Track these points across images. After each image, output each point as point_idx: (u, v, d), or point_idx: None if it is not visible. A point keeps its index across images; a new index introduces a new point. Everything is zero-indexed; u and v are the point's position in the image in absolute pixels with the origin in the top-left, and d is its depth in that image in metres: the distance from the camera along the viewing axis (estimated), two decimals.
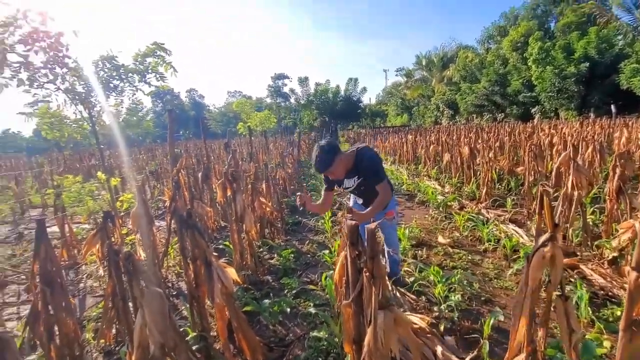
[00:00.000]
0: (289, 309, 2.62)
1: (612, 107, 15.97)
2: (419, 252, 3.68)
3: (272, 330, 2.50)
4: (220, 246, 3.96)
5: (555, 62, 19.94)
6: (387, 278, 2.64)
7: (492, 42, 34.17)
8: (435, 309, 2.57)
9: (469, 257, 3.50)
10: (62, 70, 3.35)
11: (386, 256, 2.96)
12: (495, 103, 26.75)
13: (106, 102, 3.74)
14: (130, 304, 1.62)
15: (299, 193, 2.56)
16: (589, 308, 2.29)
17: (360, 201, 2.83)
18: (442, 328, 2.30)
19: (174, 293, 3.19)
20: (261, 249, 4.05)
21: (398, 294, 2.68)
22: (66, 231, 4.23)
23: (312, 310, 2.53)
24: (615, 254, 2.88)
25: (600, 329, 2.16)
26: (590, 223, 3.72)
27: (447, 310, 2.50)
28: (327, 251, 3.63)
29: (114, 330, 2.58)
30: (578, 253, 3.33)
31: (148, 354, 1.20)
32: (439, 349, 2.22)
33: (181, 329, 2.21)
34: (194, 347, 1.89)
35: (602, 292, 2.61)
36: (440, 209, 5.19)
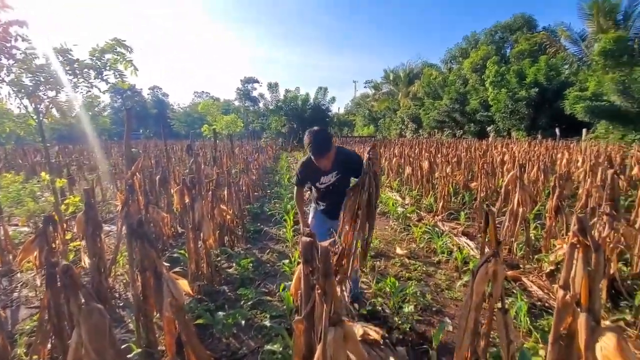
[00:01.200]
0: (243, 321, 2.55)
1: (557, 130, 17.50)
2: (378, 262, 3.76)
3: (225, 344, 2.43)
4: (175, 255, 3.80)
5: (509, 85, 21.54)
6: (348, 298, 2.66)
7: (454, 62, 36.25)
8: (390, 320, 2.64)
9: (424, 269, 3.63)
10: (8, 61, 3.07)
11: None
12: (455, 120, 28.27)
13: (56, 97, 3.47)
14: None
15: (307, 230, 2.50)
16: (527, 318, 2.46)
17: (322, 206, 2.76)
18: (394, 339, 2.36)
19: (121, 304, 3.00)
20: (219, 258, 3.94)
21: (353, 309, 2.71)
22: (1, 234, 3.84)
23: (268, 322, 2.50)
24: (552, 268, 3.14)
25: (537, 338, 2.33)
26: (533, 238, 4.02)
27: (400, 322, 2.57)
28: (287, 261, 3.60)
29: (49, 346, 2.37)
30: (521, 265, 3.58)
31: None
32: None
33: (126, 344, 2.08)
34: None
35: (539, 303, 2.82)
36: (400, 220, 5.36)
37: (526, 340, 2.33)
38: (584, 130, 16.85)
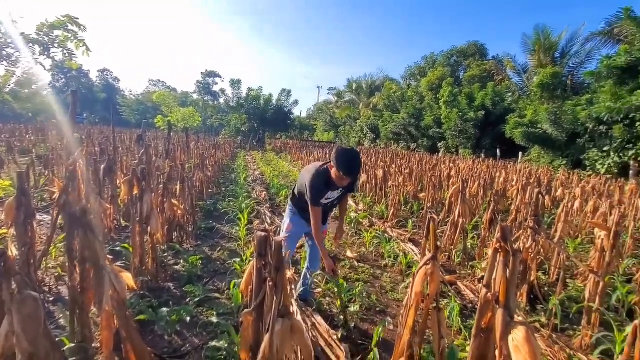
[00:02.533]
0: (189, 318, 2.49)
1: (498, 151, 19.19)
2: None
3: (167, 341, 2.35)
4: (118, 248, 3.58)
5: (460, 106, 23.21)
6: (298, 298, 2.71)
7: (413, 80, 38.23)
8: (337, 318, 2.74)
9: (372, 271, 3.80)
10: None
11: (302, 279, 2.92)
12: (410, 134, 29.76)
13: None
14: None
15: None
16: (459, 318, 2.69)
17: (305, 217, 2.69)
18: (339, 336, 2.45)
19: (51, 299, 2.77)
20: (166, 254, 3.78)
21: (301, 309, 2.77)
22: None
23: (215, 319, 2.46)
24: (484, 274, 3.46)
25: (466, 336, 2.56)
26: (469, 247, 4.38)
27: (345, 320, 2.68)
28: (238, 259, 3.56)
29: None
30: (457, 271, 3.89)
31: None
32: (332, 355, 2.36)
33: (57, 339, 1.94)
34: (71, 359, 1.68)
35: (471, 305, 3.10)
36: (353, 225, 5.54)
37: (457, 338, 2.55)
38: (520, 153, 18.67)
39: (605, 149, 13.88)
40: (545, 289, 3.46)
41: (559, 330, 2.76)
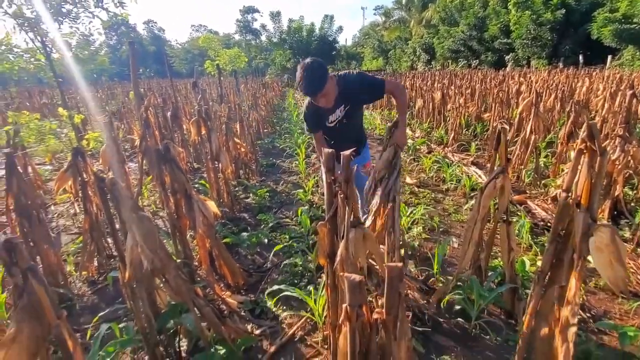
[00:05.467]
0: (266, 240, 2.81)
1: (580, 57, 16.40)
2: None
3: (250, 260, 2.70)
4: (196, 185, 4.00)
5: (534, 6, 19.65)
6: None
7: None
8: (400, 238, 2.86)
9: (433, 196, 3.79)
10: None
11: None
12: (471, 49, 26.49)
13: (59, 29, 3.37)
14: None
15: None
16: (529, 235, 2.64)
17: (331, 144, 2.34)
18: (402, 253, 2.58)
19: None
20: (237, 189, 4.14)
21: None
22: (29, 171, 4.06)
23: (288, 241, 2.73)
24: (559, 191, 3.24)
25: (537, 252, 2.53)
26: (542, 165, 4.07)
27: (409, 240, 2.79)
28: (301, 190, 3.78)
29: (95, 263, 2.68)
30: (528, 191, 3.70)
31: (140, 271, 1.31)
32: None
33: None
34: None
35: (542, 223, 2.99)
36: (410, 151, 5.42)
37: (526, 254, 2.53)
38: (609, 57, 15.74)
39: None
40: (632, 204, 3.16)
41: None
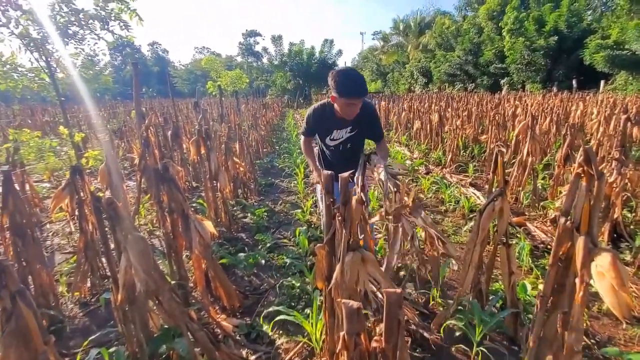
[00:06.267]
0: (263, 261, 2.76)
1: (574, 81, 16.81)
2: None
3: (247, 281, 2.65)
4: (194, 204, 3.97)
5: (527, 33, 20.33)
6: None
7: (469, 10, 33.91)
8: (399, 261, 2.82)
9: (431, 216, 3.77)
10: (16, 12, 3.02)
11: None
12: (467, 73, 27.16)
13: (65, 49, 3.45)
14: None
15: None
16: (529, 257, 2.61)
17: (326, 166, 2.38)
18: (402, 277, 2.54)
19: None
20: (235, 208, 4.12)
21: None
22: (27, 188, 4.04)
23: (287, 260, 2.69)
24: (557, 213, 3.24)
25: (537, 275, 2.49)
26: (540, 187, 4.08)
27: (408, 262, 2.74)
28: (299, 210, 3.76)
29: (88, 284, 2.62)
30: (526, 213, 3.69)
31: (133, 293, 1.27)
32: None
33: None
34: None
35: (542, 245, 2.96)
36: (409, 172, 5.44)
37: (527, 277, 2.49)
38: (602, 82, 16.15)
39: None
40: (632, 227, 3.15)
41: None
